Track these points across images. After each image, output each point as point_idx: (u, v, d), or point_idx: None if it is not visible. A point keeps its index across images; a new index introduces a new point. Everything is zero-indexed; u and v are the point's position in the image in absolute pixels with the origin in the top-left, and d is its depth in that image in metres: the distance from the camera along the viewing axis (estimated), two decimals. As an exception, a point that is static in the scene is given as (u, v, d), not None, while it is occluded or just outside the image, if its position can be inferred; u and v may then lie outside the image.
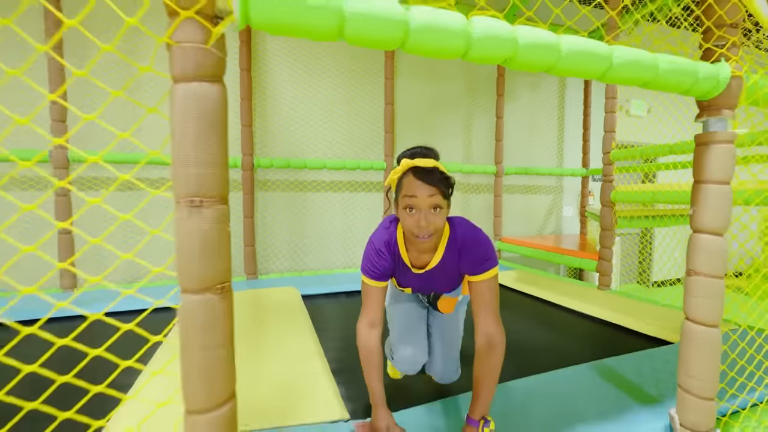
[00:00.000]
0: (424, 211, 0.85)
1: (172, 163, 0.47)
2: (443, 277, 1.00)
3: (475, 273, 0.92)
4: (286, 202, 2.81)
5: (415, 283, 1.04)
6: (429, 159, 0.87)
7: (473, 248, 0.92)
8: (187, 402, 0.50)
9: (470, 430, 0.87)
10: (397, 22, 0.55)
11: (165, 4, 0.46)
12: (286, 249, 2.83)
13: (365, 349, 0.95)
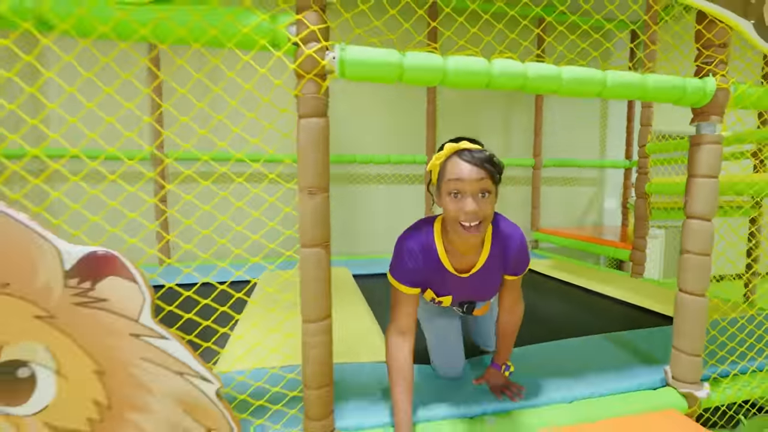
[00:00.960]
0: (473, 196, 0.78)
1: (299, 166, 0.77)
2: (488, 280, 0.94)
3: (515, 274, 0.95)
4: (339, 193, 3.14)
5: (458, 290, 0.96)
6: (475, 144, 0.82)
7: (517, 249, 0.90)
8: (304, 314, 0.81)
9: (494, 371, 1.07)
10: (438, 68, 0.81)
11: (295, 71, 0.75)
12: (338, 234, 3.17)
13: (395, 363, 0.87)
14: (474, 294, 0.99)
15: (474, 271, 0.91)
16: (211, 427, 0.76)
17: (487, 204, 0.79)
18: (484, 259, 0.90)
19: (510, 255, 0.91)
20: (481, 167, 0.78)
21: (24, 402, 0.68)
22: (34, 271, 0.66)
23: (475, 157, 0.78)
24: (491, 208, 0.81)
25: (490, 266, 0.91)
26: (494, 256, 0.91)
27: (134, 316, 0.71)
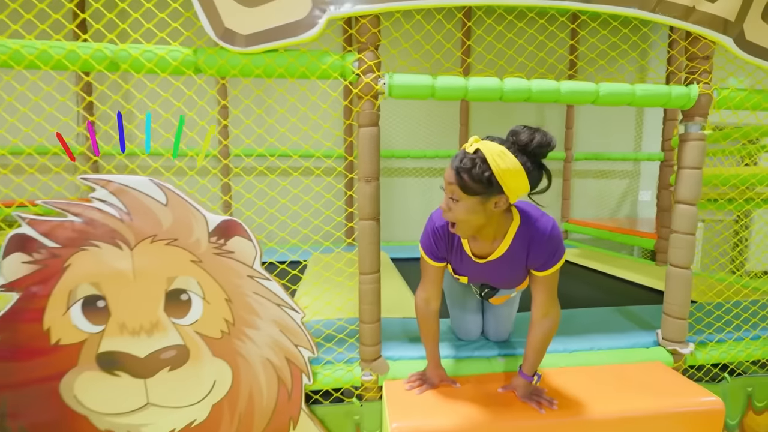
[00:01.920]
0: (446, 197, 0.85)
1: (359, 161, 1.08)
2: (506, 270, 0.97)
3: (540, 270, 0.93)
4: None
5: (473, 273, 1.03)
6: (487, 142, 0.80)
7: (544, 244, 0.90)
8: (361, 268, 1.12)
9: (522, 381, 1.03)
10: (461, 88, 1.08)
11: (357, 94, 1.06)
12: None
13: (423, 319, 1.05)
14: (489, 280, 1.04)
15: (492, 258, 0.95)
16: (298, 343, 1.10)
17: (457, 207, 0.82)
18: (503, 249, 0.92)
19: (535, 249, 0.91)
20: (454, 172, 0.80)
21: (184, 316, 1.05)
22: (191, 231, 1.02)
23: (455, 163, 0.81)
24: (462, 213, 0.83)
25: (510, 257, 0.93)
26: (516, 248, 0.92)
27: (250, 263, 1.05)
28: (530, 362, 1.02)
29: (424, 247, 1.01)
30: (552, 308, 0.99)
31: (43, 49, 0.93)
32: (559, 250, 0.92)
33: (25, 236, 0.97)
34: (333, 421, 1.17)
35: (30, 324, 1.00)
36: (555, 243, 0.91)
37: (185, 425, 1.08)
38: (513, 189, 0.81)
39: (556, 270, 0.94)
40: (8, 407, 1.01)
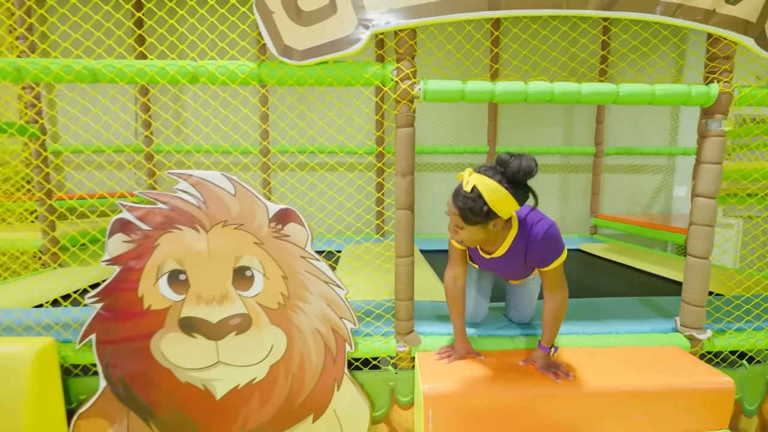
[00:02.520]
0: (453, 224, 1.04)
1: (396, 157, 1.23)
2: (508, 266, 1.16)
3: (542, 266, 1.10)
4: (406, 180, 3.59)
5: (482, 263, 1.22)
6: (482, 178, 0.94)
7: (540, 247, 1.06)
8: (397, 252, 1.27)
9: (541, 353, 1.17)
10: (488, 91, 1.21)
11: (395, 99, 1.20)
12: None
13: (451, 295, 1.22)
14: (498, 270, 1.21)
15: (497, 255, 1.12)
16: (342, 316, 1.27)
17: (462, 233, 1.02)
18: (504, 249, 1.10)
19: (531, 250, 1.07)
20: (455, 208, 0.98)
21: (248, 290, 1.24)
22: (254, 217, 1.21)
23: (455, 200, 0.98)
24: (467, 237, 1.02)
25: (512, 255, 1.10)
26: (516, 247, 1.09)
27: (302, 246, 1.23)
28: (546, 335, 1.16)
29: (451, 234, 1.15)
30: (558, 287, 1.13)
31: (140, 68, 1.14)
32: (555, 249, 1.07)
33: (125, 220, 1.20)
34: (371, 385, 1.34)
35: (128, 292, 1.22)
36: (550, 244, 1.07)
37: (248, 382, 1.28)
38: (505, 212, 0.98)
39: (558, 265, 1.09)
40: (111, 359, 1.25)
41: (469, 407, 1.11)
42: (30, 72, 1.14)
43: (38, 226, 2.16)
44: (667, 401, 1.13)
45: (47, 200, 2.09)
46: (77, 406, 1.29)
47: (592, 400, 1.11)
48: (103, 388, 1.26)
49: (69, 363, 1.28)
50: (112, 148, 2.88)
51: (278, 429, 1.30)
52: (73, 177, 3.31)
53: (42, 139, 2.07)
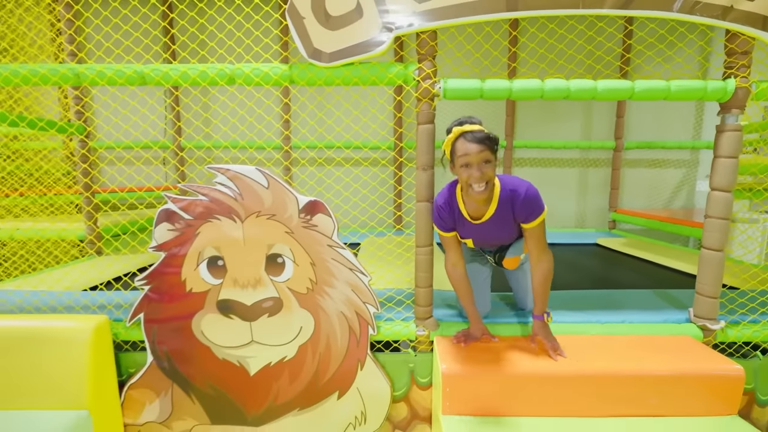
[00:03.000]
0: (477, 165, 1.09)
1: (417, 152, 1.30)
2: (499, 226, 1.23)
3: (526, 222, 1.20)
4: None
5: (474, 234, 1.27)
6: (474, 125, 1.11)
7: (523, 201, 1.17)
8: (417, 241, 1.35)
9: (538, 322, 1.25)
10: (506, 89, 1.26)
11: (416, 97, 1.28)
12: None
13: (455, 281, 1.30)
14: (489, 236, 1.28)
15: (486, 218, 1.22)
16: (365, 300, 1.36)
17: (489, 168, 1.10)
18: (493, 209, 1.20)
19: (517, 204, 1.18)
20: (481, 143, 1.08)
21: (279, 275, 1.35)
22: (285, 208, 1.31)
23: (476, 136, 1.08)
24: (492, 171, 1.12)
25: (500, 214, 1.20)
26: (502, 206, 1.19)
27: (329, 235, 1.32)
28: (538, 304, 1.24)
29: (437, 225, 1.30)
30: (543, 254, 1.22)
31: (184, 71, 1.25)
32: (537, 204, 1.18)
33: (169, 210, 1.32)
34: (392, 367, 1.43)
35: (172, 276, 1.35)
36: (532, 199, 1.18)
37: (278, 360, 1.39)
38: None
39: (541, 222, 1.20)
40: (157, 336, 1.38)
41: (485, 388, 1.18)
42: (87, 76, 1.26)
43: (79, 217, 2.34)
44: (678, 386, 1.17)
45: (90, 193, 2.26)
46: (127, 378, 1.43)
47: (604, 383, 1.17)
48: (150, 362, 1.39)
49: (120, 339, 1.42)
50: (141, 144, 3.05)
51: (306, 404, 1.41)
52: (107, 172, 3.51)
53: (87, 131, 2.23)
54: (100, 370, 1.30)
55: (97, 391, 1.28)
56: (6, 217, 2.62)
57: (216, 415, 1.42)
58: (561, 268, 2.32)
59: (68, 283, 1.73)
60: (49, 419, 1.20)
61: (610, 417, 1.17)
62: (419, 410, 1.45)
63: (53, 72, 1.26)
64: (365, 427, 1.42)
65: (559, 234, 3.31)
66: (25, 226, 2.26)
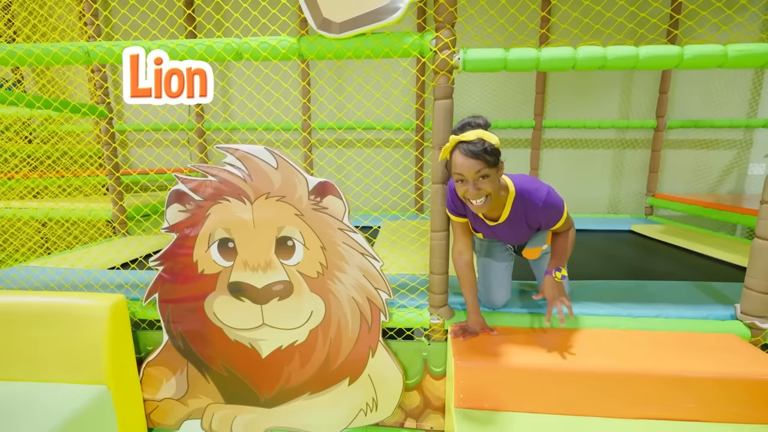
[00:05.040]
0: (473, 182, 1.01)
1: (434, 131, 1.21)
2: (511, 231, 1.20)
3: (547, 227, 1.18)
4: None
5: (486, 232, 1.24)
6: (475, 130, 1.00)
7: (539, 212, 1.11)
8: (432, 226, 1.28)
9: (547, 277, 1.17)
10: (533, 59, 1.14)
11: (433, 69, 1.18)
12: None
13: (459, 269, 1.24)
14: (503, 238, 1.24)
15: (500, 221, 1.17)
16: (377, 286, 1.31)
17: (486, 183, 1.01)
18: (506, 215, 1.14)
19: (533, 212, 1.12)
20: (477, 158, 0.98)
21: (289, 258, 1.31)
22: (295, 189, 1.27)
23: (472, 150, 0.98)
24: (492, 185, 1.02)
25: (514, 220, 1.15)
26: (516, 212, 1.13)
27: (340, 218, 1.27)
28: (553, 260, 1.19)
29: (449, 207, 1.22)
30: (566, 225, 1.19)
31: (190, 47, 1.20)
32: (556, 212, 1.13)
33: (180, 191, 1.30)
34: (405, 355, 1.38)
35: (184, 257, 1.35)
36: (549, 209, 1.11)
37: (289, 344, 1.37)
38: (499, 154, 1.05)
39: (563, 221, 1.16)
40: (171, 316, 1.39)
41: (501, 382, 1.11)
42: (97, 54, 1.24)
43: (109, 198, 2.41)
44: (719, 390, 1.06)
45: (117, 175, 2.32)
46: (146, 356, 1.46)
47: (634, 383, 1.07)
48: (165, 341, 1.41)
49: (137, 318, 1.44)
50: (167, 125, 3.10)
51: (317, 388, 1.40)
52: (136, 152, 3.61)
53: (109, 117, 2.26)
54: (117, 347, 1.33)
55: (116, 367, 1.31)
56: (44, 197, 2.75)
57: (229, 394, 1.44)
58: (591, 256, 2.19)
59: (89, 262, 1.78)
60: (71, 392, 1.24)
61: (639, 419, 1.07)
62: (432, 399, 1.40)
63: (64, 51, 1.25)
64: (377, 414, 1.40)
65: (591, 220, 3.12)
66: (59, 206, 2.36)
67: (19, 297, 1.33)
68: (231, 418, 1.44)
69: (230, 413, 1.44)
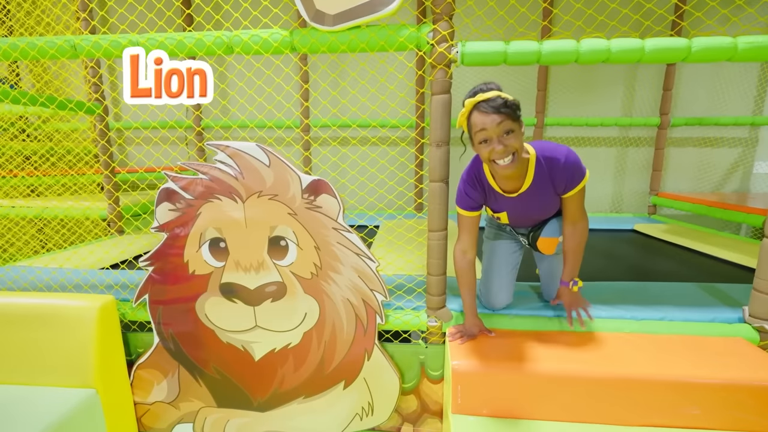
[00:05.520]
0: (498, 138, 0.95)
1: (431, 127, 1.17)
2: (538, 199, 1.10)
3: (567, 190, 1.07)
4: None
5: (510, 208, 1.14)
6: (490, 92, 0.95)
7: (563, 169, 1.04)
8: (430, 226, 1.24)
9: (563, 288, 1.16)
10: (534, 52, 1.10)
11: (430, 63, 1.13)
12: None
13: (460, 270, 1.18)
14: (528, 210, 1.15)
15: (522, 191, 1.08)
16: (373, 288, 1.27)
17: (512, 139, 0.96)
18: (529, 181, 1.06)
19: (557, 173, 1.05)
20: (499, 113, 0.93)
21: (282, 259, 1.28)
22: (287, 187, 1.23)
23: (492, 106, 0.93)
24: (518, 140, 0.96)
25: (538, 186, 1.07)
26: (540, 177, 1.06)
27: (334, 217, 1.23)
28: (568, 269, 1.15)
29: (459, 201, 1.18)
30: (579, 218, 1.12)
31: (180, 40, 1.16)
32: (578, 171, 1.05)
33: (170, 189, 1.26)
34: (401, 358, 1.34)
35: (175, 257, 1.31)
36: (572, 166, 1.04)
37: (283, 346, 1.34)
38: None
39: (581, 189, 1.07)
40: (162, 317, 1.36)
41: (500, 387, 1.08)
42: (84, 48, 1.21)
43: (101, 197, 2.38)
44: (727, 397, 1.02)
45: (110, 171, 2.28)
46: (136, 358, 1.43)
47: (638, 388, 1.03)
48: (156, 343, 1.38)
49: (128, 319, 1.41)
50: (167, 125, 3.06)
51: (312, 392, 1.36)
52: (136, 153, 3.58)
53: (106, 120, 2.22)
54: (106, 349, 1.29)
55: (104, 370, 1.28)
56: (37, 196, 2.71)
57: (222, 398, 1.40)
58: (593, 256, 2.14)
59: (80, 263, 1.74)
60: (58, 396, 1.21)
61: (642, 426, 1.03)
62: (430, 404, 1.37)
63: (50, 44, 1.21)
64: (373, 418, 1.36)
65: (593, 219, 3.01)
66: (50, 205, 2.32)
67: (6, 298, 1.30)
68: (223, 422, 1.41)
69: (222, 417, 1.41)
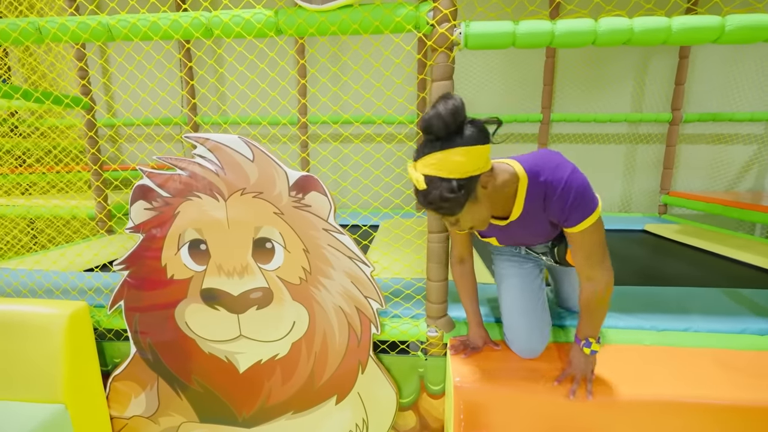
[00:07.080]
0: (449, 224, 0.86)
1: (430, 119, 1.06)
2: (529, 229, 0.93)
3: (568, 226, 0.85)
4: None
5: (499, 235, 1.00)
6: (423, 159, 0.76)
7: (558, 197, 0.82)
8: (429, 228, 1.12)
9: (574, 346, 0.97)
10: (546, 33, 0.98)
11: (430, 46, 1.02)
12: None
13: (459, 280, 1.09)
14: (520, 239, 1.01)
15: (511, 220, 0.91)
16: (367, 295, 1.16)
17: (464, 222, 0.82)
18: (518, 211, 0.88)
19: (551, 204, 0.84)
20: (432, 209, 0.79)
21: (268, 262, 1.17)
22: (273, 185, 1.12)
23: (424, 203, 0.79)
24: (470, 221, 0.82)
25: (529, 215, 0.89)
26: (532, 205, 0.87)
27: (325, 217, 1.12)
28: (581, 325, 0.95)
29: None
30: (594, 271, 0.88)
31: (154, 21, 1.05)
32: (581, 201, 0.82)
33: (146, 187, 1.15)
34: (399, 371, 1.23)
35: (152, 261, 1.20)
36: (572, 194, 0.81)
37: (270, 357, 1.23)
38: (478, 164, 0.77)
39: (589, 226, 0.83)
40: (139, 326, 1.25)
41: (507, 408, 0.96)
42: (49, 31, 1.10)
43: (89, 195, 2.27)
44: (763, 422, 0.90)
45: (98, 166, 2.18)
46: (112, 369, 1.32)
47: (659, 412, 0.92)
48: (133, 353, 1.27)
49: (103, 327, 1.30)
50: (159, 119, 2.96)
51: (301, 407, 1.25)
52: (127, 149, 3.48)
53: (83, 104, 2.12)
54: (78, 360, 1.19)
55: (75, 383, 1.17)
56: (21, 195, 2.62)
57: (205, 412, 1.30)
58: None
59: (63, 265, 1.64)
60: (22, 412, 1.10)
61: (670, 453, 0.92)
62: (430, 421, 1.25)
63: (12, 27, 1.10)
64: (367, 436, 1.25)
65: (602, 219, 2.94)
66: (34, 203, 2.22)
67: (-32, 304, 1.19)
68: (206, 438, 1.30)
69: (205, 433, 1.30)
